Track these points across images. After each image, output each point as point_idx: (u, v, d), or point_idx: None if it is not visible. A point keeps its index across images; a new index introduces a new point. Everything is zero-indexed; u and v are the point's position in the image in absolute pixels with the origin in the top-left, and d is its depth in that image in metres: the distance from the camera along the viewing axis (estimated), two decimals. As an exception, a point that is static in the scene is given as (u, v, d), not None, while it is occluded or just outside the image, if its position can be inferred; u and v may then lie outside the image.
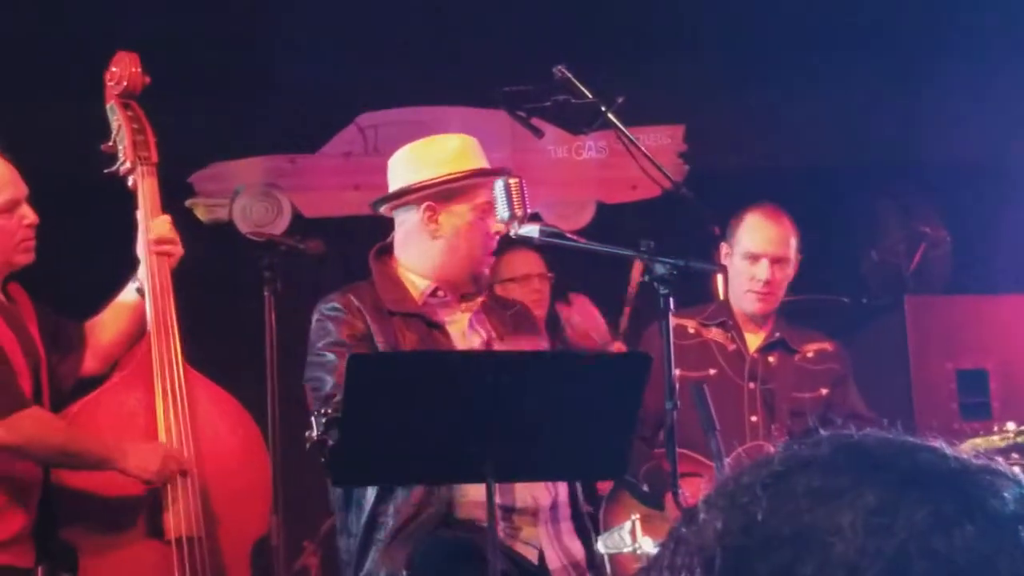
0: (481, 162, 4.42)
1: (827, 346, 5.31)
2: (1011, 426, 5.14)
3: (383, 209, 4.47)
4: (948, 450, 1.23)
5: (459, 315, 4.37)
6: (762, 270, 5.14)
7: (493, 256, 4.42)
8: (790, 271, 5.21)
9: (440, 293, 4.37)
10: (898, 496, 1.16)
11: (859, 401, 5.25)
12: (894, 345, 6.93)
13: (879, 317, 7.37)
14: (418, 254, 4.37)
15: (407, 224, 4.40)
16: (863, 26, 8.07)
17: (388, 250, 4.47)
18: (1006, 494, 1.18)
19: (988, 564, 1.14)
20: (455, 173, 4.33)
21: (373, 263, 4.42)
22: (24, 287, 4.49)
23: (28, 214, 4.35)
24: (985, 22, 7.88)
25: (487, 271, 4.41)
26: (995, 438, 5.12)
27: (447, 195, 4.35)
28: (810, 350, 5.27)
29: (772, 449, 1.26)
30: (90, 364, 4.57)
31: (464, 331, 4.35)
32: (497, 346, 4.33)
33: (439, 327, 4.24)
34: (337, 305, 4.24)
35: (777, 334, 5.23)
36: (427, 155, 4.41)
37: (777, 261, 5.15)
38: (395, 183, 4.42)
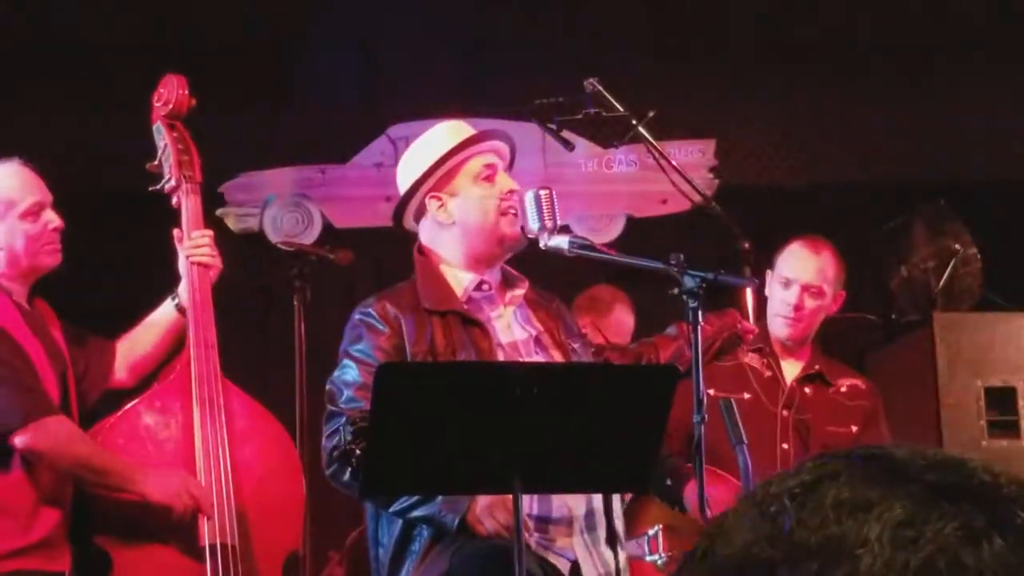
0: (466, 134, 4.40)
1: (860, 383, 5.30)
2: None
3: (406, 224, 4.47)
4: (978, 463, 1.22)
5: (504, 309, 4.35)
6: (792, 295, 5.15)
7: (515, 215, 4.35)
8: (824, 303, 5.19)
9: (484, 286, 4.33)
10: (927, 509, 1.15)
11: (887, 441, 5.24)
12: (922, 362, 6.91)
13: (907, 334, 7.35)
14: (446, 248, 4.36)
15: (426, 225, 4.40)
16: (895, 44, 8.06)
17: None
18: None
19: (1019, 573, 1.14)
20: (441, 156, 4.34)
21: (416, 259, 4.40)
22: (55, 300, 4.55)
23: (53, 218, 4.43)
24: (1016, 40, 7.87)
25: (512, 231, 4.31)
26: None
27: (444, 179, 4.34)
28: (844, 385, 5.26)
29: None
30: (122, 376, 4.61)
31: (510, 324, 4.32)
32: (546, 340, 4.32)
33: (478, 325, 4.22)
34: (373, 312, 4.22)
35: (816, 367, 5.23)
36: (416, 153, 4.42)
37: (808, 289, 5.15)
38: (400, 192, 4.45)
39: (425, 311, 4.21)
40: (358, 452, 3.69)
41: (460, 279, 4.33)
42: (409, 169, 4.40)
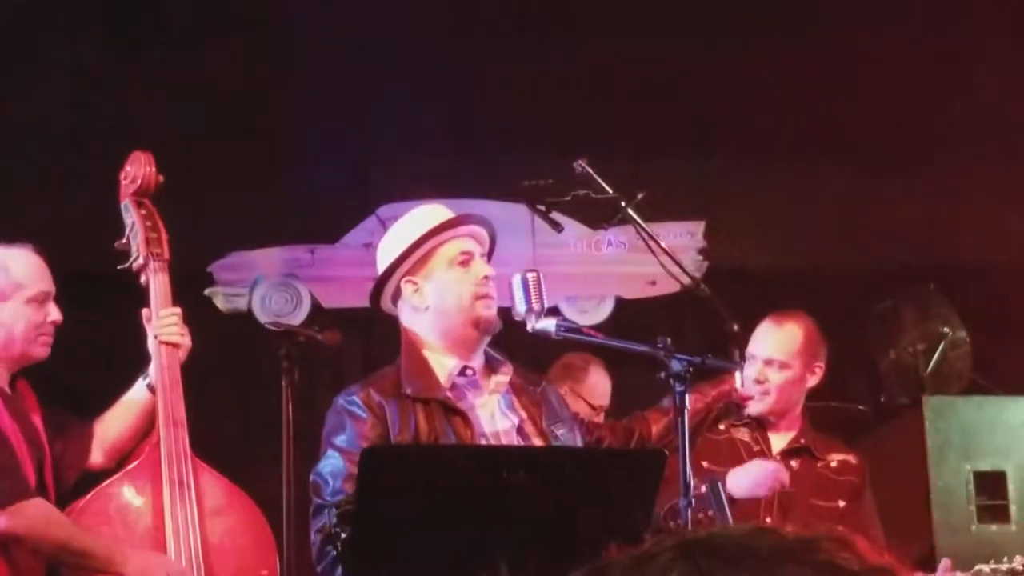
0: (445, 217, 4.40)
1: (850, 458, 5.29)
2: (1019, 559, 5.08)
3: (383, 307, 4.46)
4: (784, 529, 1.32)
5: (488, 397, 4.32)
6: (754, 371, 5.16)
7: (491, 299, 4.34)
8: (793, 376, 5.19)
9: (468, 372, 4.31)
10: None
11: (874, 518, 5.23)
12: (912, 445, 6.89)
13: (897, 418, 7.35)
14: (423, 331, 4.34)
15: (403, 308, 4.39)
16: (882, 126, 8.10)
17: None
18: (851, 549, 1.28)
19: None
20: (416, 239, 4.33)
21: (403, 342, 4.38)
22: (35, 382, 4.52)
23: (53, 311, 4.43)
24: (1004, 128, 7.91)
25: (489, 314, 4.30)
26: (1003, 567, 5.06)
27: (419, 263, 4.34)
28: (833, 459, 5.25)
29: None
30: (97, 459, 4.57)
31: (494, 413, 4.28)
32: (529, 428, 4.29)
33: (461, 414, 4.20)
34: (357, 400, 4.20)
35: (802, 440, 5.23)
36: (393, 236, 4.42)
37: (770, 364, 5.16)
38: (378, 273, 4.44)
39: (408, 398, 4.19)
40: (343, 536, 3.67)
41: (444, 364, 4.30)
42: (386, 252, 4.40)
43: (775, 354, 5.17)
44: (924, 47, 7.77)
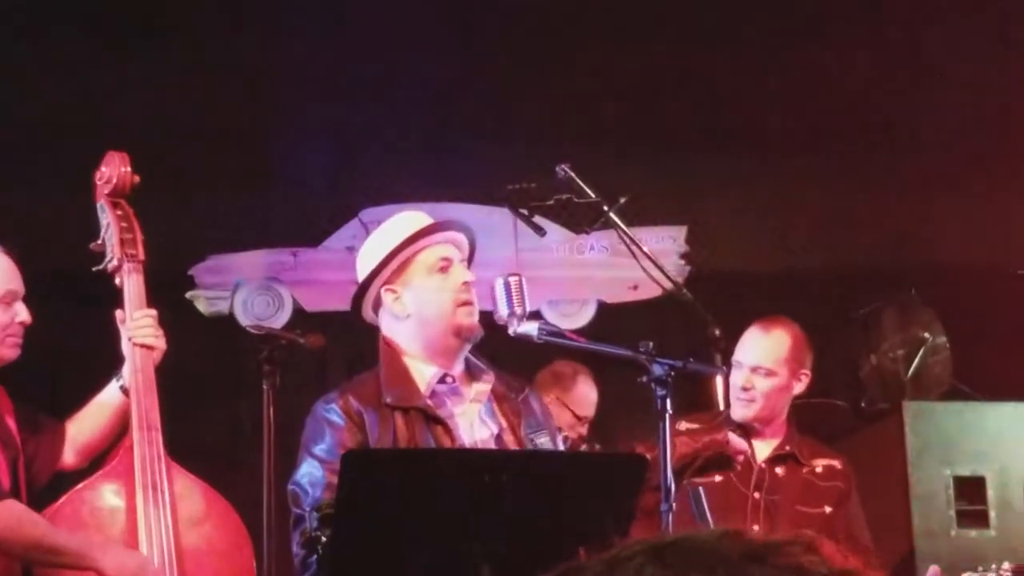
0: (423, 224, 4.38)
1: (836, 463, 5.30)
2: (1007, 565, 5.10)
3: (364, 316, 4.45)
4: (754, 532, 1.32)
5: (468, 405, 4.31)
6: (740, 377, 5.17)
7: (472, 305, 4.33)
8: (779, 383, 5.20)
9: (449, 379, 4.29)
10: None
11: (861, 523, 5.24)
12: (892, 450, 6.91)
13: (877, 422, 7.36)
14: (405, 340, 4.32)
15: (384, 317, 4.38)
16: (864, 130, 8.12)
17: None
18: (818, 554, 1.29)
19: None
20: (393, 248, 4.32)
21: (382, 350, 4.36)
22: (9, 383, 4.50)
23: (22, 312, 4.39)
24: (988, 131, 7.94)
25: (470, 321, 4.29)
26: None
27: (398, 271, 4.32)
28: (819, 465, 5.26)
29: None
30: (70, 459, 4.55)
31: (473, 422, 4.26)
32: (508, 438, 4.27)
33: (440, 422, 4.19)
34: (337, 409, 4.18)
35: (787, 447, 5.23)
36: (372, 244, 4.41)
37: (756, 370, 5.17)
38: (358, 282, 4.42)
39: (387, 407, 4.18)
40: (323, 539, 3.67)
41: (423, 372, 4.28)
42: (365, 260, 4.39)
43: (762, 361, 5.18)
44: (904, 50, 7.79)
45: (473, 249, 4.46)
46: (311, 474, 4.09)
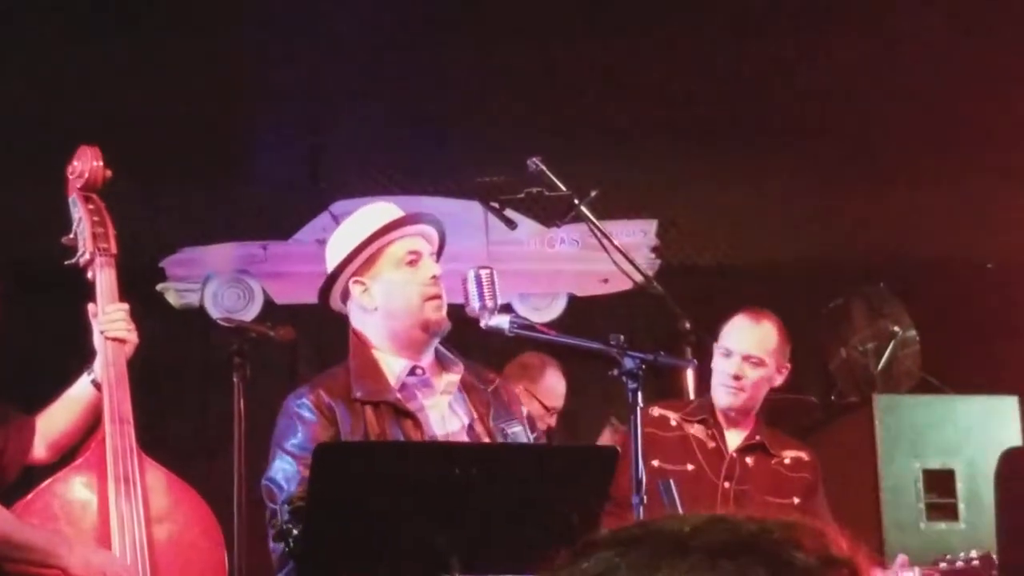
0: (393, 217, 4.37)
1: (803, 455, 5.32)
2: (974, 553, 5.13)
3: (332, 305, 4.44)
4: (738, 518, 1.25)
5: (438, 397, 4.30)
6: (732, 365, 5.17)
7: (440, 299, 4.33)
8: (767, 373, 5.22)
9: (419, 371, 4.28)
10: None
11: (827, 515, 5.26)
12: (862, 443, 6.94)
13: (847, 415, 7.39)
14: (373, 333, 4.32)
15: (352, 308, 4.38)
16: (833, 126, 8.14)
17: None
18: (806, 543, 1.21)
19: None
20: (362, 240, 4.32)
21: (352, 343, 4.36)
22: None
23: None
24: (956, 124, 7.96)
25: (437, 316, 4.28)
26: (960, 563, 5.11)
27: (367, 264, 4.32)
28: (787, 456, 5.28)
29: None
30: (40, 454, 4.54)
31: (444, 415, 4.25)
32: (478, 428, 4.27)
33: (410, 416, 4.18)
34: (308, 403, 4.18)
35: (758, 437, 5.25)
36: (341, 235, 4.40)
37: (748, 359, 5.18)
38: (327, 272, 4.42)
39: (357, 401, 4.18)
40: (295, 532, 3.66)
41: (392, 365, 4.27)
42: (334, 251, 4.38)
43: (755, 351, 5.20)
44: (876, 44, 7.81)
45: (443, 242, 4.45)
46: (284, 469, 4.09)
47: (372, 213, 4.41)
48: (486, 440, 4.24)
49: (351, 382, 4.22)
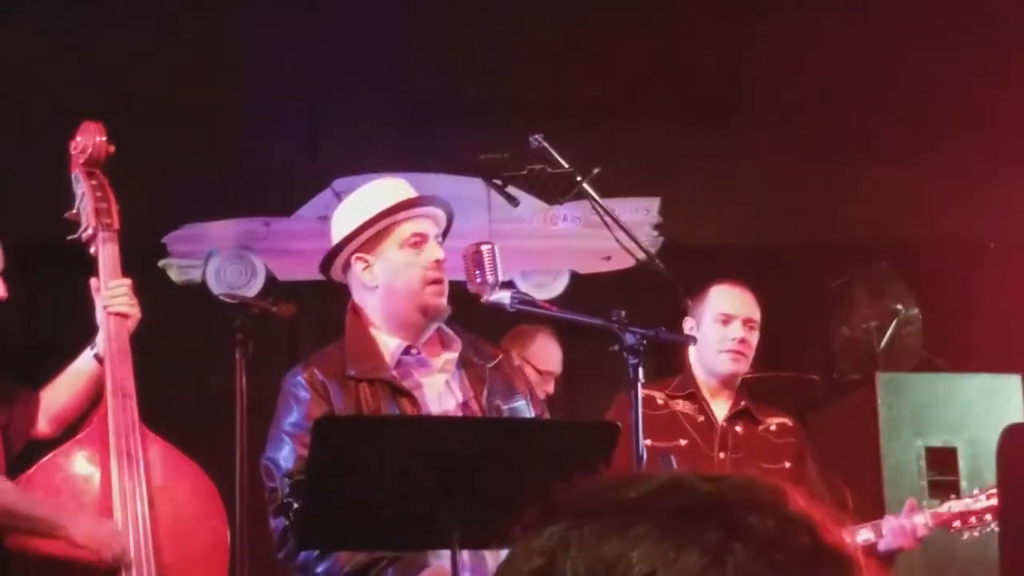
0: (401, 197, 4.35)
1: (787, 421, 5.33)
2: (979, 491, 5.16)
3: (333, 276, 4.43)
4: (694, 476, 1.21)
5: (435, 376, 4.29)
6: (735, 329, 5.18)
7: (441, 284, 4.32)
8: (756, 339, 5.24)
9: (414, 351, 4.28)
10: (665, 546, 1.14)
11: (818, 479, 5.26)
12: (864, 421, 6.94)
13: (850, 393, 7.39)
14: (372, 310, 4.31)
15: (354, 283, 4.37)
16: (834, 106, 8.13)
17: None
18: (762, 504, 1.18)
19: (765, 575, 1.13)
20: (370, 217, 4.30)
21: (348, 319, 4.35)
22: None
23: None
24: (955, 102, 7.95)
25: (437, 302, 4.28)
26: (968, 499, 5.13)
27: (372, 242, 4.30)
28: (772, 423, 5.29)
29: None
30: (43, 428, 4.55)
31: (441, 393, 4.25)
32: (473, 406, 4.26)
33: (406, 394, 4.18)
34: (302, 383, 4.17)
35: (743, 403, 5.25)
36: (351, 207, 4.37)
37: (747, 323, 5.19)
38: (331, 243, 4.40)
39: (352, 379, 4.17)
40: (295, 506, 3.66)
41: (388, 344, 4.26)
42: (341, 223, 4.35)
43: (753, 314, 5.23)
44: (877, 23, 7.80)
45: (450, 225, 4.44)
46: (282, 448, 4.09)
47: (383, 189, 4.39)
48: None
49: (345, 360, 4.21)
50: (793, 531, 1.17)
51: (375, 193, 4.37)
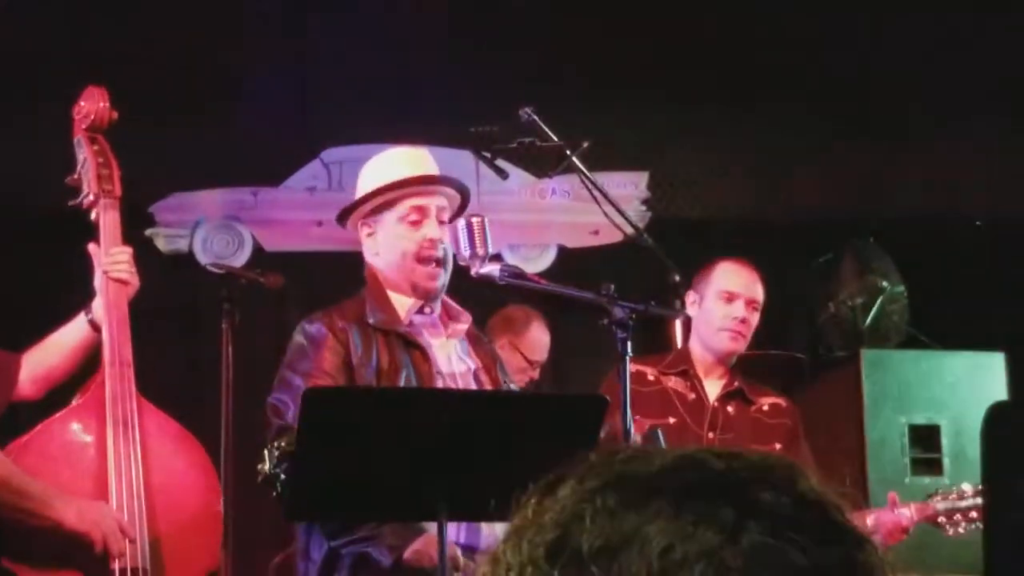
0: (414, 171, 4.41)
1: (780, 401, 5.33)
2: (967, 487, 5.16)
3: (349, 225, 4.49)
4: (707, 452, 1.22)
5: (446, 340, 4.37)
6: (738, 308, 5.17)
7: (431, 264, 4.35)
8: (757, 320, 5.24)
9: (427, 310, 4.37)
10: (680, 523, 1.14)
11: (810, 460, 5.26)
12: (848, 398, 6.96)
13: (834, 370, 7.41)
14: (376, 272, 4.40)
15: (364, 242, 4.44)
16: (823, 81, 8.13)
17: None
18: (775, 482, 1.18)
19: (779, 553, 1.13)
20: (376, 188, 4.35)
21: (368, 274, 4.43)
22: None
23: None
24: (942, 80, 7.96)
25: (432, 283, 4.34)
26: (953, 496, 5.14)
27: (377, 210, 4.38)
28: (765, 403, 5.28)
29: None
30: (26, 390, 4.53)
31: (451, 356, 4.34)
32: (483, 377, 4.34)
33: (419, 347, 4.24)
34: (322, 328, 4.23)
35: (736, 383, 5.25)
36: (371, 171, 4.46)
37: (750, 303, 5.19)
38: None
39: (371, 326, 4.21)
40: (283, 476, 3.67)
41: (402, 302, 4.36)
42: (360, 184, 4.43)
43: (756, 295, 5.23)
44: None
45: (465, 204, 4.49)
46: (293, 388, 4.11)
47: (402, 162, 4.45)
48: (491, 388, 4.30)
49: (366, 309, 4.28)
50: (807, 509, 1.17)
51: (394, 162, 4.44)
